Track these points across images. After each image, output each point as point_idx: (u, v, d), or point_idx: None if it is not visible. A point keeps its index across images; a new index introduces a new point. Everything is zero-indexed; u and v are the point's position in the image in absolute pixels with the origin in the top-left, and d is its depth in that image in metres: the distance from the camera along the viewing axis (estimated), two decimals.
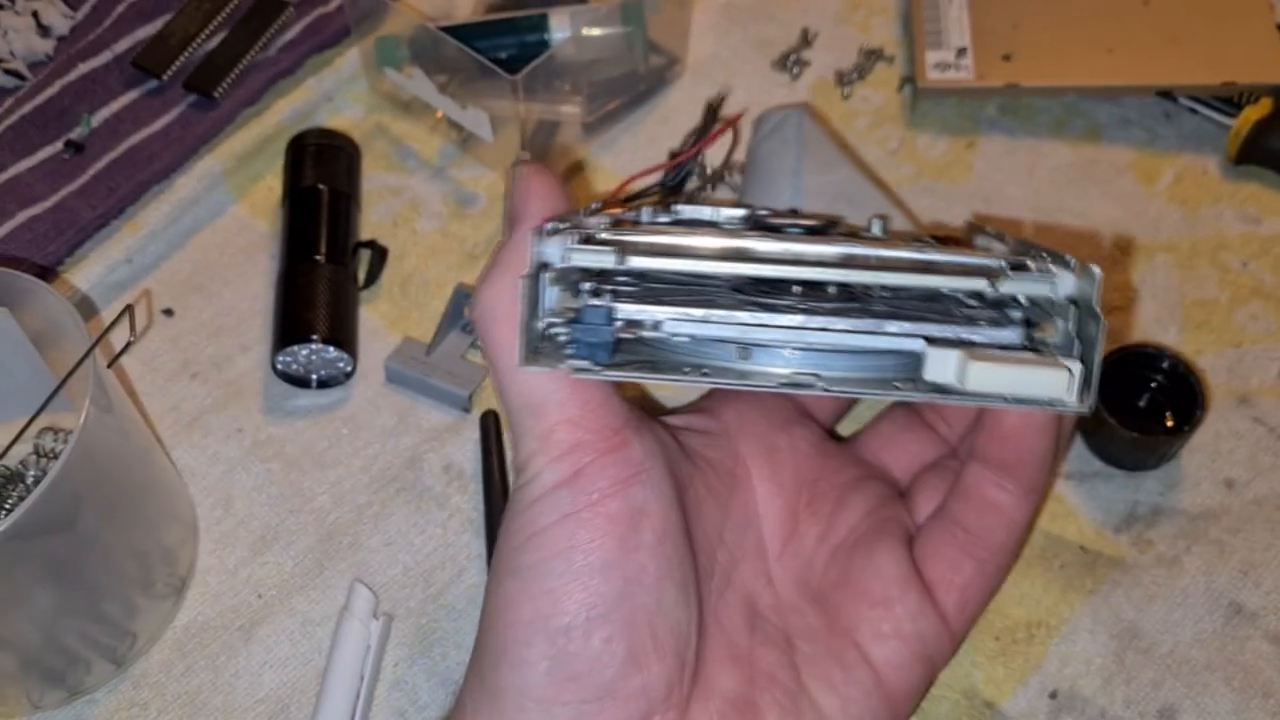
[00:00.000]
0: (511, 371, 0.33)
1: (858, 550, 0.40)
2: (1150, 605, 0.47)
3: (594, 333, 0.32)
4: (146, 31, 0.62)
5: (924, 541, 0.40)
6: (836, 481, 0.42)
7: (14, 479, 0.48)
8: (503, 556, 0.34)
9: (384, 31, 0.59)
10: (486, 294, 0.34)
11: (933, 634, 0.39)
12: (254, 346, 0.54)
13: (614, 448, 0.33)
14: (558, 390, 0.33)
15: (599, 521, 0.33)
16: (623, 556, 0.33)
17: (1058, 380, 0.30)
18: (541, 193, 0.34)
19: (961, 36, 0.61)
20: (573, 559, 0.33)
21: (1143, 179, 0.59)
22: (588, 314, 0.32)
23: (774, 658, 0.37)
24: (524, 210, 0.34)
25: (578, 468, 0.33)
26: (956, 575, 0.39)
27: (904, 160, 0.60)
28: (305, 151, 0.57)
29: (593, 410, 0.33)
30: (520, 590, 0.33)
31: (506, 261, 0.34)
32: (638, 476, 0.34)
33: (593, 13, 0.59)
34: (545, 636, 0.33)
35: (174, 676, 0.45)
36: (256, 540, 0.48)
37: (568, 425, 0.33)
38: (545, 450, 0.33)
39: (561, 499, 0.33)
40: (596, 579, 0.33)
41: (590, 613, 0.32)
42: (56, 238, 0.55)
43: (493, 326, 0.33)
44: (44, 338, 0.45)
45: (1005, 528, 0.39)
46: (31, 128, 0.59)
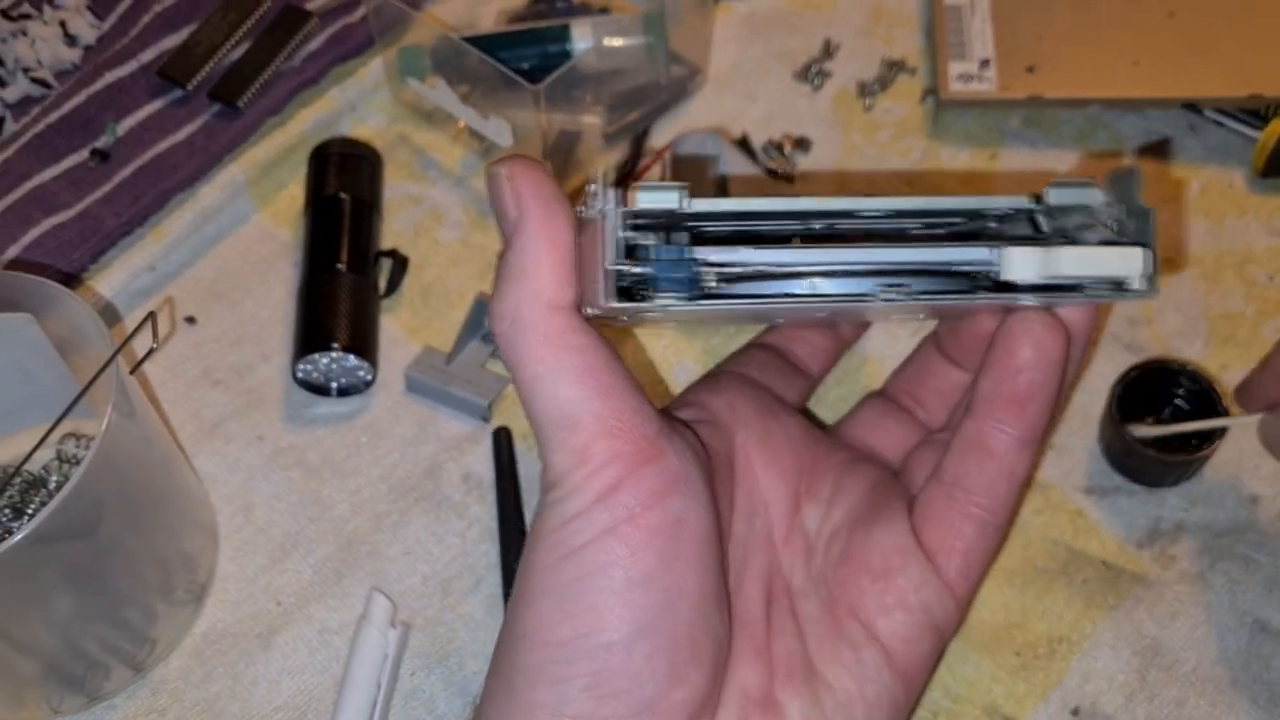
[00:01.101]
0: (540, 381, 0.32)
1: (858, 527, 0.39)
2: (1173, 622, 0.46)
3: (676, 268, 0.31)
4: (172, 41, 0.63)
5: (922, 509, 0.39)
6: (832, 464, 0.41)
7: (37, 484, 0.49)
8: (534, 575, 0.33)
9: (407, 42, 0.60)
10: (505, 304, 0.32)
11: (938, 602, 0.38)
12: (275, 354, 0.54)
13: (650, 458, 0.32)
14: (591, 399, 0.32)
15: (640, 535, 0.32)
16: (663, 569, 0.32)
17: (1133, 258, 0.32)
18: (536, 186, 0.32)
19: (985, 48, 0.61)
20: (613, 575, 0.31)
21: (1166, 192, 0.59)
22: (663, 252, 0.31)
23: (789, 647, 0.37)
24: (524, 208, 0.32)
25: (615, 481, 0.32)
26: (958, 540, 0.39)
27: (926, 172, 0.60)
28: (328, 161, 0.57)
29: (628, 420, 0.32)
30: (558, 609, 0.32)
31: (522, 267, 0.32)
32: (675, 486, 0.33)
33: (615, 24, 0.59)
34: (586, 654, 0.32)
35: (193, 683, 0.45)
36: (276, 548, 0.49)
37: (604, 437, 0.32)
38: (581, 465, 0.32)
39: (600, 515, 0.32)
40: (638, 594, 0.32)
41: (632, 629, 0.31)
42: (81, 245, 0.56)
43: (517, 336, 0.32)
44: (68, 344, 0.45)
45: (1006, 480, 0.38)
46: (57, 136, 0.59)
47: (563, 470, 0.32)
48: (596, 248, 0.31)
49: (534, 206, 0.32)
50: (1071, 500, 0.49)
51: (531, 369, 0.32)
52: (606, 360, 0.32)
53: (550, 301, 0.32)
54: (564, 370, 0.32)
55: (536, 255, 0.32)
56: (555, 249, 0.32)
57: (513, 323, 0.32)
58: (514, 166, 0.32)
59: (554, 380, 0.32)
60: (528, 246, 0.32)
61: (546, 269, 0.32)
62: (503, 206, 0.33)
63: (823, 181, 0.60)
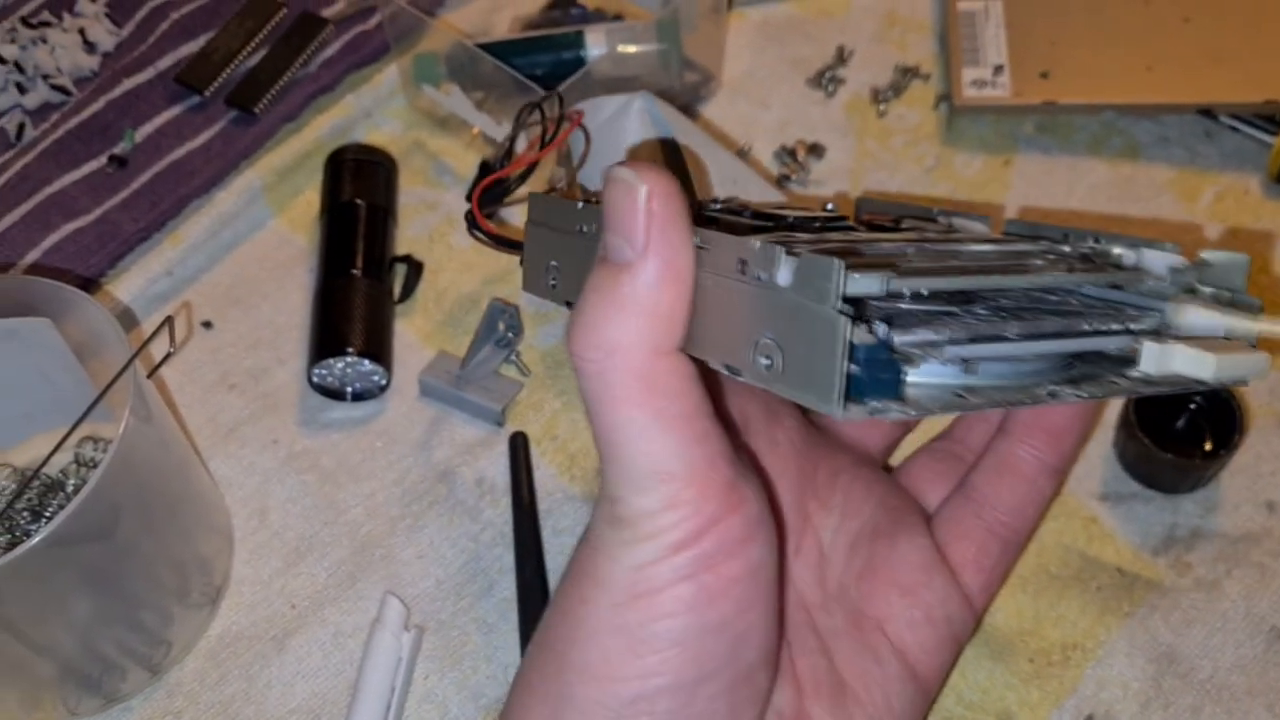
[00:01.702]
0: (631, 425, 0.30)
1: (878, 539, 0.39)
2: (1189, 629, 0.46)
3: (884, 368, 0.27)
4: (189, 49, 0.63)
5: (945, 524, 0.40)
6: (834, 469, 0.41)
7: (54, 487, 0.49)
8: (600, 611, 0.31)
9: (422, 49, 0.60)
10: (607, 334, 0.29)
11: (959, 614, 0.39)
12: (291, 359, 0.54)
13: (734, 506, 0.31)
14: (684, 450, 0.30)
15: (719, 585, 0.31)
16: (737, 617, 0.31)
17: (1261, 362, 0.32)
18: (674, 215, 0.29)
19: (998, 54, 0.61)
20: (688, 623, 0.31)
21: (1182, 197, 0.59)
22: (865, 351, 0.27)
23: (813, 662, 0.37)
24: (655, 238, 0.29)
25: (699, 529, 0.31)
26: (985, 557, 0.39)
27: (940, 178, 0.60)
28: (343, 167, 0.57)
29: (716, 468, 0.31)
30: (626, 649, 0.31)
31: (638, 302, 0.29)
32: (755, 535, 0.32)
33: (628, 30, 0.59)
34: (649, 695, 0.31)
35: (208, 685, 0.45)
36: (291, 551, 0.49)
37: (694, 486, 0.30)
38: (666, 513, 0.30)
39: (679, 563, 0.31)
40: (710, 641, 0.31)
41: (700, 674, 0.31)
42: (99, 250, 0.56)
43: (614, 373, 0.29)
44: (86, 348, 0.46)
45: (1035, 503, 0.39)
46: (76, 142, 0.60)
47: (644, 512, 0.31)
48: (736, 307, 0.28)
49: (668, 238, 0.29)
50: (1086, 506, 0.49)
51: (626, 411, 0.30)
52: (698, 405, 0.30)
53: (659, 347, 0.29)
54: (661, 417, 0.30)
55: (659, 294, 0.29)
56: (680, 292, 0.29)
57: (611, 355, 0.29)
58: (655, 183, 0.29)
59: (649, 425, 0.30)
60: (653, 283, 0.29)
61: (666, 313, 0.29)
62: (628, 222, 0.29)
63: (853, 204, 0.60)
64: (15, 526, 0.48)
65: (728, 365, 0.30)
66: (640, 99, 0.53)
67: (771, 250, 0.27)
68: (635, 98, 0.53)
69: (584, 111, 0.54)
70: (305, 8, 0.65)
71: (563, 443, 0.51)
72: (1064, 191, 0.59)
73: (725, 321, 0.29)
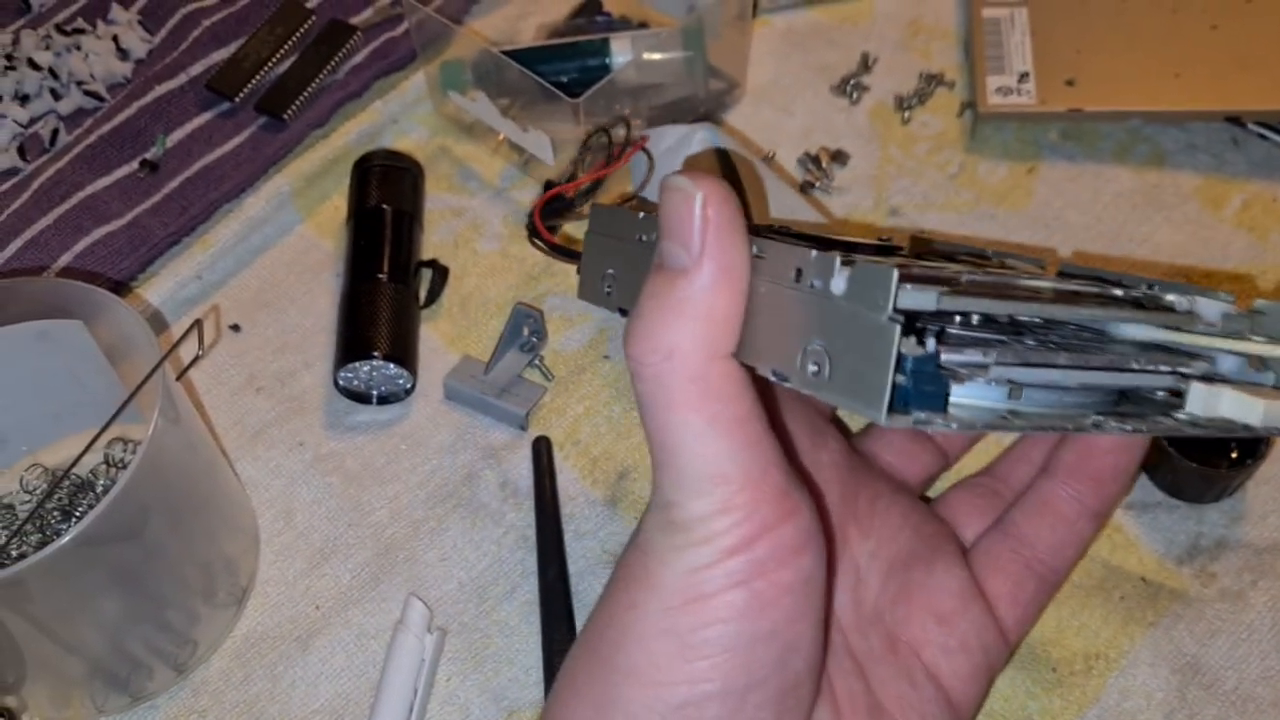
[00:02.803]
0: (688, 429, 0.30)
1: (914, 566, 0.39)
2: (1213, 640, 0.45)
3: (930, 381, 0.27)
4: (220, 55, 0.64)
5: (983, 556, 0.40)
6: (874, 494, 0.41)
7: (84, 488, 0.50)
8: (653, 612, 0.32)
9: (449, 56, 0.61)
10: (665, 338, 0.29)
11: (994, 646, 0.39)
12: (317, 362, 0.55)
13: (787, 514, 0.31)
14: (739, 453, 0.30)
15: (771, 593, 0.31)
16: (787, 626, 0.32)
17: None
18: (730, 223, 0.30)
19: (1023, 61, 0.61)
20: (740, 629, 0.31)
21: (1209, 205, 0.58)
22: (915, 362, 0.27)
23: (851, 685, 0.37)
24: (711, 244, 0.29)
25: (752, 535, 0.31)
26: (1021, 591, 0.39)
27: (964, 185, 0.60)
28: (370, 172, 0.58)
29: (769, 474, 0.31)
30: (676, 653, 0.31)
31: (696, 305, 0.29)
32: (808, 545, 0.32)
33: (654, 37, 0.60)
34: (696, 701, 0.31)
35: (233, 684, 0.46)
36: (315, 553, 0.49)
37: (748, 491, 0.30)
38: (721, 517, 0.30)
39: (733, 568, 0.31)
40: (760, 649, 0.31)
41: (748, 681, 0.31)
42: (130, 254, 0.57)
43: (671, 376, 0.30)
44: (116, 350, 0.46)
45: (1074, 545, 0.39)
46: (109, 147, 0.61)
47: (699, 516, 0.31)
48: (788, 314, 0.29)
49: (725, 244, 0.29)
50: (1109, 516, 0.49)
51: (682, 415, 0.30)
52: (752, 410, 0.31)
53: (715, 351, 0.30)
54: (716, 421, 0.30)
55: (715, 299, 0.29)
56: (735, 297, 0.30)
57: (668, 359, 0.30)
58: (711, 191, 0.29)
59: (705, 429, 0.30)
60: (709, 288, 0.29)
61: (721, 318, 0.30)
62: (684, 229, 0.30)
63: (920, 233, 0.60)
64: (46, 526, 0.48)
65: (776, 371, 0.30)
66: (703, 130, 0.54)
67: (827, 258, 0.28)
68: (699, 128, 0.54)
69: (649, 137, 0.55)
70: (334, 15, 0.65)
71: (585, 447, 0.52)
72: (1088, 199, 0.59)
73: (776, 328, 0.30)
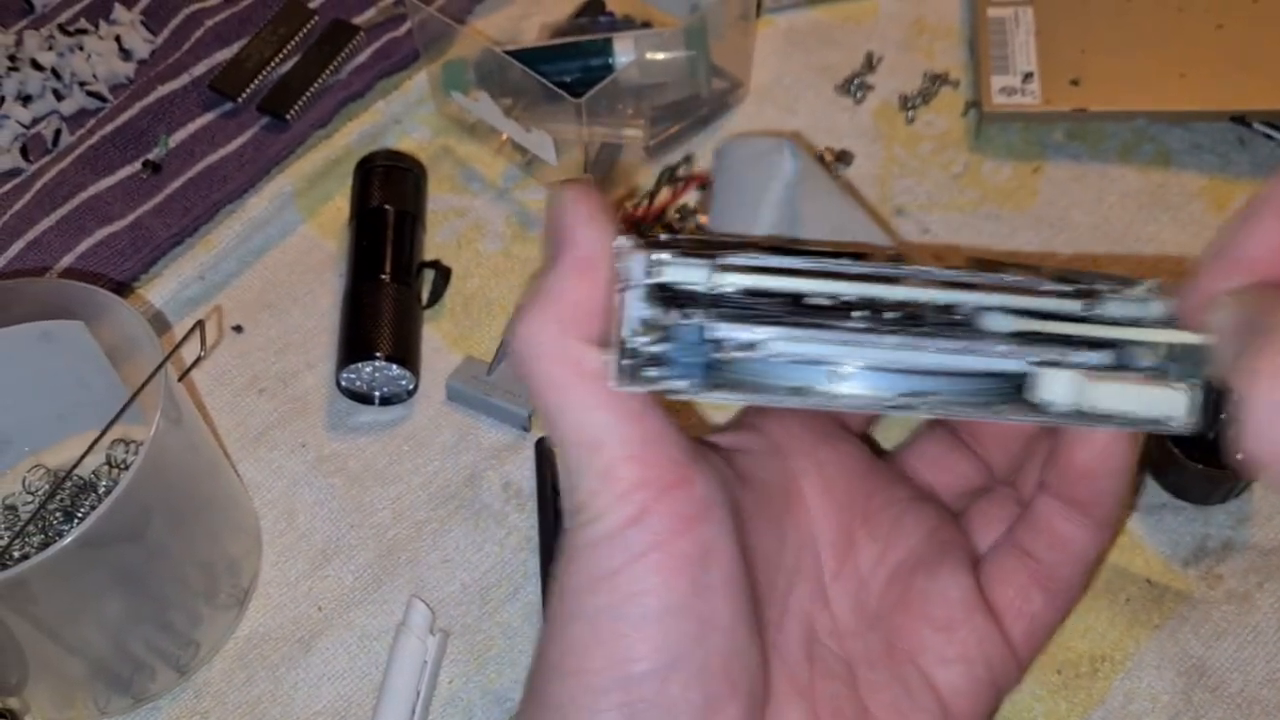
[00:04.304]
0: (564, 408, 0.31)
1: (919, 571, 0.39)
2: (1219, 642, 0.45)
3: (690, 351, 0.30)
4: (223, 56, 0.64)
5: (991, 568, 0.39)
6: (890, 499, 0.40)
7: (87, 489, 0.50)
8: (565, 599, 0.32)
9: (451, 56, 0.60)
10: (531, 328, 0.31)
11: (999, 660, 0.38)
12: (319, 363, 0.55)
13: (678, 484, 0.31)
14: (618, 424, 0.31)
15: (671, 563, 0.31)
16: (696, 598, 0.31)
17: (1178, 401, 0.30)
18: (589, 217, 0.32)
19: (1028, 61, 0.61)
20: (646, 603, 0.31)
21: (1214, 206, 0.58)
22: (679, 333, 0.30)
23: (835, 689, 0.36)
24: (569, 236, 0.31)
25: (643, 506, 0.31)
26: (1026, 604, 0.38)
27: (968, 185, 0.60)
28: (373, 173, 0.58)
29: (655, 444, 0.31)
30: (590, 636, 0.31)
31: (552, 294, 0.31)
32: (705, 514, 0.32)
33: (656, 37, 0.60)
34: (619, 685, 0.31)
35: (235, 686, 0.46)
36: (318, 554, 0.49)
37: (631, 461, 0.31)
38: (607, 488, 0.31)
39: (629, 540, 0.31)
40: (671, 623, 0.31)
41: (666, 659, 0.31)
42: (133, 255, 0.57)
43: (539, 363, 0.31)
44: (118, 351, 0.46)
45: (1076, 562, 0.38)
46: (111, 148, 0.61)
47: (588, 493, 0.31)
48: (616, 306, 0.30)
49: (580, 237, 0.31)
50: None
51: (555, 393, 0.31)
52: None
53: (569, 331, 0.31)
54: (588, 394, 0.31)
55: (568, 280, 0.31)
56: (590, 279, 0.31)
57: (532, 345, 0.31)
58: (574, 193, 0.32)
59: (578, 403, 0.31)
60: (563, 272, 0.31)
61: (579, 302, 0.31)
62: (553, 230, 0.32)
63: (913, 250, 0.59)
64: (48, 527, 0.48)
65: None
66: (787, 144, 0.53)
67: (628, 243, 0.30)
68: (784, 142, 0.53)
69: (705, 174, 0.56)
70: (336, 15, 0.65)
71: None
72: (1093, 199, 0.59)
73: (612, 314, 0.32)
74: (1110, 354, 0.32)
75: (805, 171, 0.53)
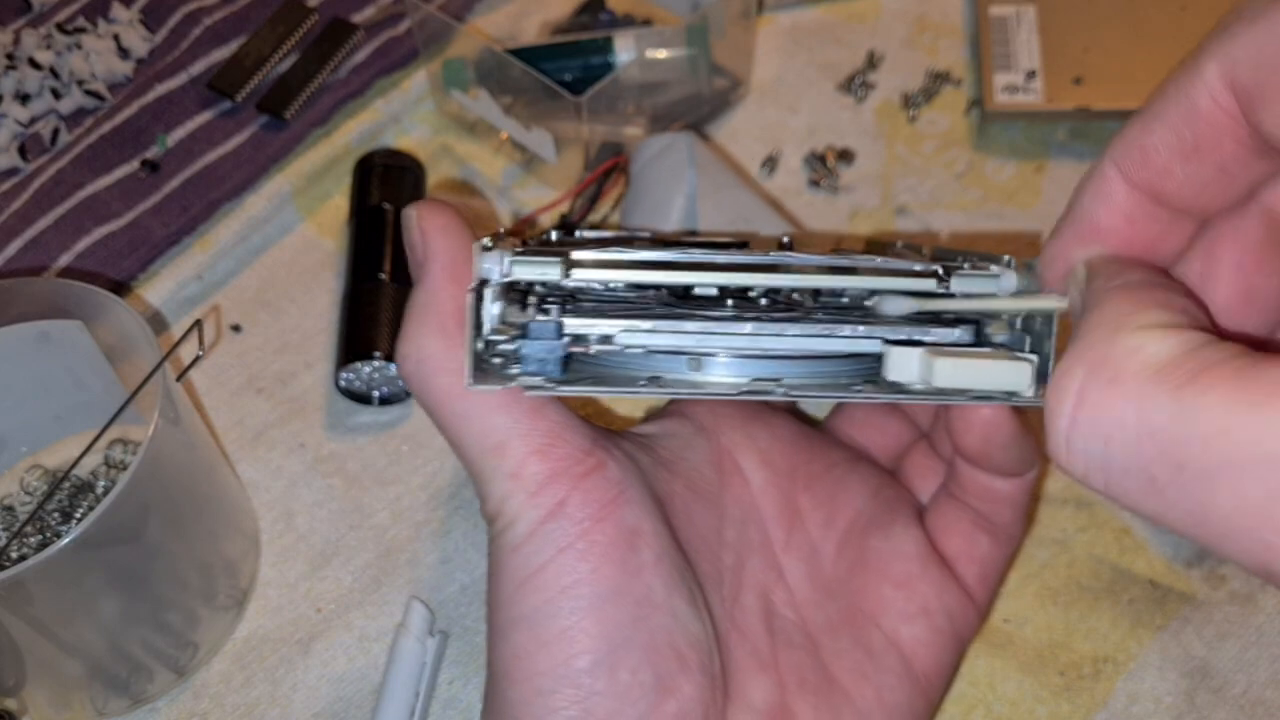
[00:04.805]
0: (463, 416, 0.31)
1: (871, 532, 0.39)
2: (1223, 643, 0.45)
3: (544, 348, 0.30)
4: (221, 54, 0.64)
5: (935, 518, 0.40)
6: (828, 463, 0.40)
7: (84, 489, 0.49)
8: (500, 606, 0.32)
9: (451, 54, 0.60)
10: (413, 345, 0.32)
11: (959, 608, 0.38)
12: (318, 363, 0.54)
13: (590, 470, 0.32)
14: (518, 422, 0.31)
15: (596, 550, 0.31)
16: (628, 580, 0.31)
17: (1020, 373, 0.31)
18: (443, 227, 0.32)
19: (1031, 59, 0.61)
20: (579, 594, 0.31)
21: None
22: (535, 329, 0.31)
23: (799, 658, 0.36)
24: (430, 249, 0.32)
25: (559, 499, 0.31)
26: (974, 548, 0.39)
27: (970, 184, 0.59)
28: (372, 171, 0.58)
29: (559, 436, 0.32)
30: (530, 638, 0.31)
31: (428, 307, 0.32)
32: (623, 495, 0.32)
33: (657, 35, 0.59)
34: (569, 682, 0.31)
35: (233, 688, 0.46)
36: (316, 555, 0.49)
37: (537, 456, 0.31)
38: (519, 488, 0.31)
39: (551, 534, 0.31)
40: (608, 609, 0.31)
41: (609, 646, 0.31)
42: (130, 254, 0.57)
43: (430, 378, 0.32)
44: (116, 351, 0.46)
45: (1008, 508, 0.39)
46: (109, 147, 0.60)
47: (500, 497, 0.31)
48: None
49: (440, 247, 0.32)
50: (1118, 518, 0.48)
51: (450, 406, 0.31)
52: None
53: (454, 340, 0.32)
54: (481, 400, 0.31)
55: (441, 290, 0.32)
56: (461, 284, 0.32)
57: (419, 362, 0.32)
58: (423, 209, 0.33)
59: (474, 411, 0.31)
60: (433, 286, 0.32)
61: (450, 309, 0.32)
62: (413, 248, 0.33)
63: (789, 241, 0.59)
64: (46, 528, 0.48)
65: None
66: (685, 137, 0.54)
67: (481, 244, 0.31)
68: (681, 135, 0.54)
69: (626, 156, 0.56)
70: (335, 14, 0.65)
71: None
72: None
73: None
74: (968, 330, 0.33)
75: (703, 165, 0.53)
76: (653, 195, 0.53)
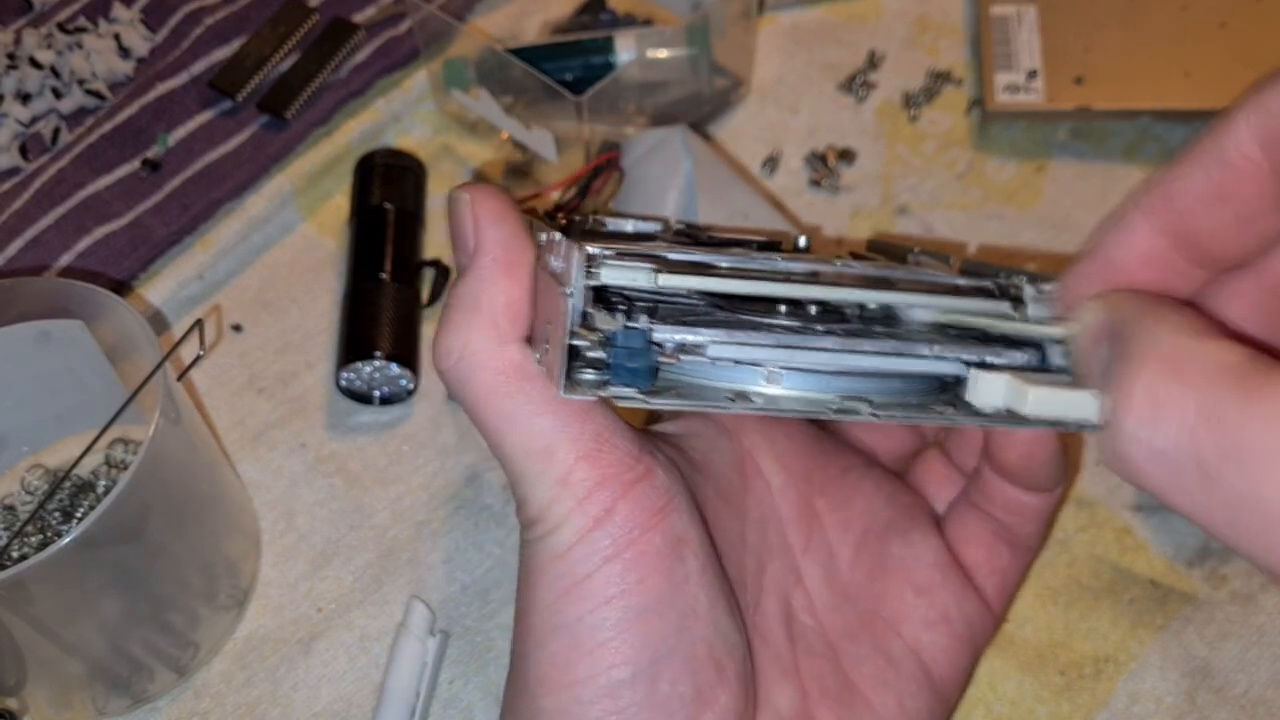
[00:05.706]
0: (507, 416, 0.30)
1: (889, 538, 0.39)
2: (1224, 643, 0.45)
3: (634, 357, 0.29)
4: (222, 54, 0.64)
5: (956, 527, 0.40)
6: (842, 467, 0.40)
7: (85, 489, 0.49)
8: (536, 612, 0.31)
9: (452, 54, 0.60)
10: (458, 339, 0.30)
11: (977, 617, 0.38)
12: (319, 363, 0.54)
13: (639, 478, 0.31)
14: (566, 425, 0.30)
15: (645, 560, 0.30)
16: (673, 591, 0.31)
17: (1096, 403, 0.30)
18: (497, 214, 0.31)
19: (1032, 59, 0.61)
20: (624, 604, 0.30)
21: None
22: (624, 337, 0.28)
23: (819, 665, 0.36)
24: (483, 238, 0.30)
25: (607, 506, 0.30)
26: (996, 559, 0.39)
27: (971, 184, 0.59)
28: (373, 171, 0.58)
29: (607, 440, 0.30)
30: (570, 647, 0.30)
31: (477, 299, 0.30)
32: (671, 504, 0.31)
33: (658, 35, 0.59)
34: (607, 692, 0.30)
35: (234, 687, 0.46)
36: (317, 554, 0.49)
37: (585, 461, 0.30)
38: (566, 494, 0.30)
39: (598, 543, 0.30)
40: (652, 620, 0.30)
41: (652, 658, 0.30)
42: (131, 254, 0.57)
43: (473, 374, 0.30)
44: (117, 351, 0.46)
45: (1034, 520, 0.39)
46: (110, 146, 0.60)
47: (545, 502, 0.30)
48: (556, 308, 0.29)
49: (493, 237, 0.30)
50: (1119, 517, 0.48)
51: (494, 405, 0.30)
52: None
53: (504, 335, 0.30)
54: (529, 403, 0.30)
55: (494, 284, 0.30)
56: (513, 285, 0.30)
57: (462, 358, 0.30)
58: (477, 193, 0.31)
59: (521, 411, 0.30)
60: (484, 278, 0.30)
61: (503, 305, 0.30)
62: (462, 234, 0.31)
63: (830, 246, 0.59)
64: (47, 527, 0.48)
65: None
66: (679, 131, 0.54)
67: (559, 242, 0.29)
68: (675, 130, 0.54)
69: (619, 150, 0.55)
70: (336, 13, 0.65)
71: None
72: (1097, 198, 0.58)
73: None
74: (1033, 353, 0.32)
75: (699, 159, 0.53)
76: (646, 188, 0.53)
